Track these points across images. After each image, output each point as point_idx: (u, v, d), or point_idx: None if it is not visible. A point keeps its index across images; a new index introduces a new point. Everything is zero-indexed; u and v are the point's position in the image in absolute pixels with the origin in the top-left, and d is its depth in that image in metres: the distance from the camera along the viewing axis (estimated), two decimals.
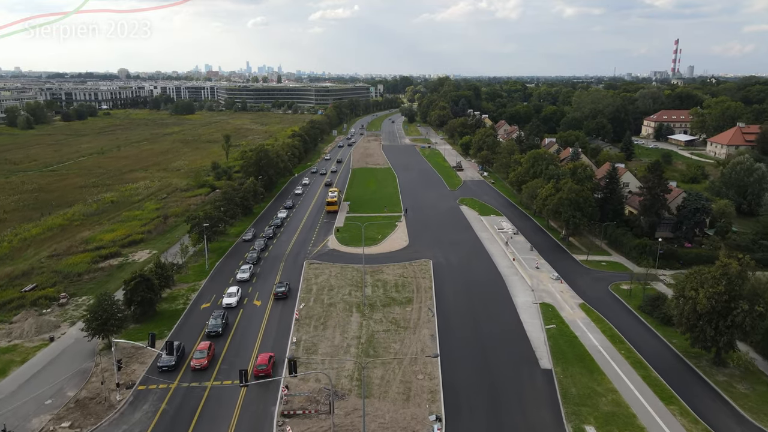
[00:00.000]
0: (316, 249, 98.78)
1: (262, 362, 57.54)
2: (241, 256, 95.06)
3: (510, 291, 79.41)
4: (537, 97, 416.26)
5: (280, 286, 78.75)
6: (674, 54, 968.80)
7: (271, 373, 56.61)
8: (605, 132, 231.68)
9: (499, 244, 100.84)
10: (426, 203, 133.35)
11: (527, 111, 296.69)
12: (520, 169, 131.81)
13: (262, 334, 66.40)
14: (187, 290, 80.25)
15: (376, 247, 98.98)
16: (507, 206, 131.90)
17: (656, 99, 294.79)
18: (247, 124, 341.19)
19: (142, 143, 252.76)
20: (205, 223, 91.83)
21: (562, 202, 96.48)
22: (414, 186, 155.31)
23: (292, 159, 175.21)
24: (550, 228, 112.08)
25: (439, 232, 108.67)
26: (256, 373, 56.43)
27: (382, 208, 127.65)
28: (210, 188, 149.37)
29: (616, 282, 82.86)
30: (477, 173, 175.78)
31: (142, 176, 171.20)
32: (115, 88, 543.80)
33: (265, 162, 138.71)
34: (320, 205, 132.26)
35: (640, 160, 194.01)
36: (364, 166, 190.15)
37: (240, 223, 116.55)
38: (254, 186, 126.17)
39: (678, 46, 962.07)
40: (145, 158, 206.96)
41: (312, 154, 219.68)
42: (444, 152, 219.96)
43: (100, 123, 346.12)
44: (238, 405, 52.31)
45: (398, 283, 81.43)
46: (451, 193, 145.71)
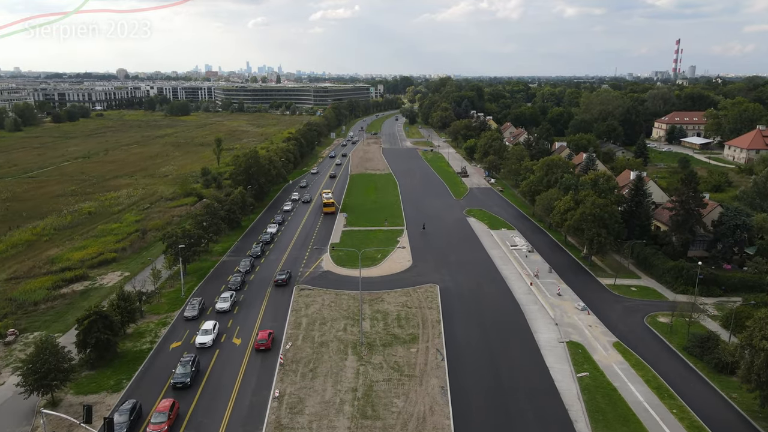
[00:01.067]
0: (309, 270, 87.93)
1: None
2: (224, 278, 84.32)
3: (530, 325, 68.58)
4: (541, 97, 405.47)
5: (281, 274, 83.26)
6: (675, 54, 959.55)
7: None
8: (616, 135, 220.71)
9: (513, 265, 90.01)
10: (430, 215, 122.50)
11: (533, 113, 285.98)
12: (533, 177, 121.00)
13: (239, 385, 55.49)
14: (158, 324, 69.41)
15: (375, 269, 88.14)
16: (518, 218, 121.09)
17: (666, 100, 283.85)
18: (242, 126, 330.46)
19: (131, 146, 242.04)
20: (181, 243, 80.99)
21: (585, 218, 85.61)
22: (416, 194, 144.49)
23: (286, 165, 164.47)
24: (569, 244, 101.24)
25: (445, 250, 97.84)
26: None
27: (382, 220, 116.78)
28: (197, 197, 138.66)
29: (652, 313, 72.02)
30: (483, 180, 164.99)
31: (126, 183, 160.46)
32: (110, 89, 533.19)
33: (256, 170, 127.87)
34: (314, 218, 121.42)
35: (655, 165, 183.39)
36: (363, 171, 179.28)
37: (226, 238, 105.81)
38: (242, 197, 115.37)
39: (679, 46, 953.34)
40: (132, 163, 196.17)
41: (309, 158, 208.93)
42: (447, 156, 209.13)
43: (91, 124, 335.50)
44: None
45: (401, 315, 70.59)
46: (457, 203, 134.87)
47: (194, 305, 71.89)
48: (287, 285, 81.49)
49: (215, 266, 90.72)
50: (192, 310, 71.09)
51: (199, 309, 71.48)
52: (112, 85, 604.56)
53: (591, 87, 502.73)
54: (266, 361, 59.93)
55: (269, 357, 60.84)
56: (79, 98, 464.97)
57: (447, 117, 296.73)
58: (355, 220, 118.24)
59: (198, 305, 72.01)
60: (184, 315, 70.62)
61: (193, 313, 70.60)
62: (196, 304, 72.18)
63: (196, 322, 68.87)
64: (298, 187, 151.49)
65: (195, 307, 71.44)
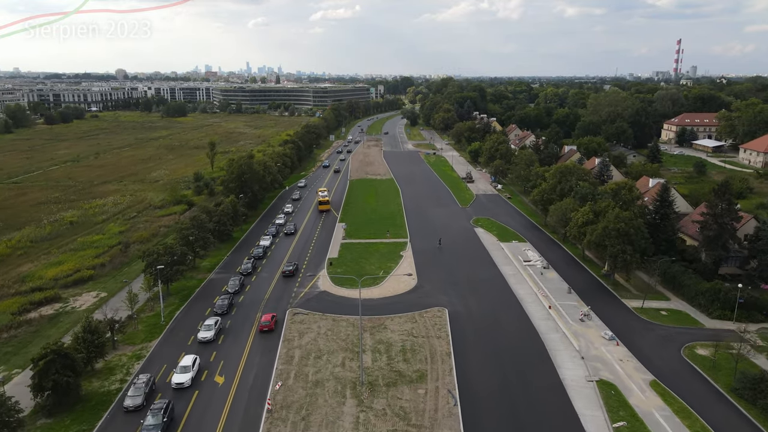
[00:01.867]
0: (303, 291, 79.95)
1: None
2: (210, 299, 76.39)
3: (553, 358, 60.60)
4: (544, 98, 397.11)
5: (288, 265, 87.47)
6: (676, 54, 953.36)
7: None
8: (626, 137, 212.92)
9: (528, 284, 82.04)
10: (435, 225, 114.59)
11: (538, 114, 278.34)
12: (545, 185, 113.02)
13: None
14: (131, 357, 61.43)
15: (377, 289, 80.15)
16: (529, 228, 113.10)
17: (675, 101, 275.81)
18: (239, 128, 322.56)
19: (124, 149, 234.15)
20: (162, 262, 73.05)
21: (608, 233, 77.62)
22: (420, 202, 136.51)
23: (283, 170, 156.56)
24: (587, 259, 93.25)
25: (453, 266, 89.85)
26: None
27: (384, 232, 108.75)
28: (187, 205, 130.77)
29: (689, 344, 63.99)
30: (490, 185, 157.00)
31: (113, 189, 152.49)
32: (107, 90, 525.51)
33: (249, 176, 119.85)
34: (310, 230, 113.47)
35: (668, 168, 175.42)
36: (364, 176, 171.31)
37: (215, 252, 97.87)
38: (234, 206, 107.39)
39: (680, 46, 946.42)
40: (123, 167, 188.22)
41: (307, 162, 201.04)
42: (451, 160, 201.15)
43: (84, 126, 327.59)
44: None
45: (406, 347, 62.62)
46: (463, 212, 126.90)
47: (139, 388, 51.97)
48: (294, 276, 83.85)
49: (202, 285, 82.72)
50: (135, 396, 51.17)
51: (145, 394, 51.43)
52: (109, 85, 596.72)
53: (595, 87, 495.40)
54: (252, 407, 51.93)
55: (256, 401, 52.83)
56: (74, 99, 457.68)
57: (449, 118, 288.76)
58: (355, 230, 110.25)
59: (145, 387, 52.07)
60: (123, 405, 50.79)
61: (135, 401, 50.70)
62: (142, 386, 52.14)
63: (170, 358, 60.87)
64: (283, 213, 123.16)
65: (140, 391, 51.67)
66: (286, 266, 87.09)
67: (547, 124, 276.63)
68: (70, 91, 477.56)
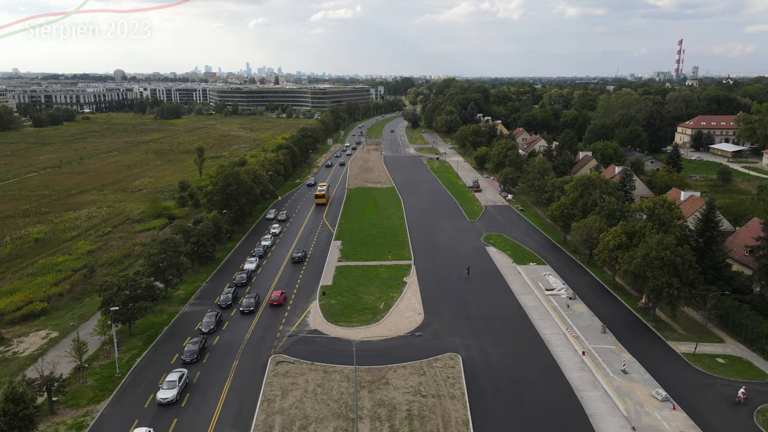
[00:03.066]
0: (291, 328, 68.04)
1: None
2: (181, 340, 64.52)
3: (596, 427, 48.68)
4: (548, 99, 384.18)
5: (297, 252, 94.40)
6: (678, 54, 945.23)
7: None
8: (641, 142, 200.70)
9: (554, 320, 70.15)
10: (441, 243, 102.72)
11: (545, 116, 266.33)
12: (564, 200, 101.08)
13: None
14: (71, 428, 49.50)
15: (377, 328, 68.21)
16: (547, 248, 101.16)
17: (689, 102, 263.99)
18: (234, 130, 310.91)
19: (110, 154, 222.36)
20: (118, 301, 61.14)
21: (650, 263, 65.70)
22: (424, 214, 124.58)
23: (275, 178, 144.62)
24: (617, 287, 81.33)
25: (464, 296, 77.93)
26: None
27: (384, 252, 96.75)
28: (168, 219, 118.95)
29: (762, 406, 52.04)
30: (499, 195, 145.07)
31: (91, 200, 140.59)
32: (101, 91, 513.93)
33: (235, 189, 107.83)
34: (302, 249, 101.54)
35: (688, 176, 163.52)
36: (363, 185, 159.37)
37: (193, 276, 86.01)
38: (216, 223, 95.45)
39: (682, 47, 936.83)
40: (106, 174, 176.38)
41: (302, 168, 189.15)
42: (455, 166, 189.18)
43: (74, 129, 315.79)
44: None
45: (413, 412, 50.65)
46: (472, 226, 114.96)
47: None
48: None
49: (172, 321, 70.79)
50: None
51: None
52: (104, 86, 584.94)
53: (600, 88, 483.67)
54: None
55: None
56: (66, 100, 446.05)
57: (452, 121, 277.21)
58: (352, 250, 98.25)
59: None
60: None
61: None
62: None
63: (121, 428, 48.95)
64: (270, 233, 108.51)
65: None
66: (295, 252, 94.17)
67: (554, 127, 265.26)
68: (62, 92, 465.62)
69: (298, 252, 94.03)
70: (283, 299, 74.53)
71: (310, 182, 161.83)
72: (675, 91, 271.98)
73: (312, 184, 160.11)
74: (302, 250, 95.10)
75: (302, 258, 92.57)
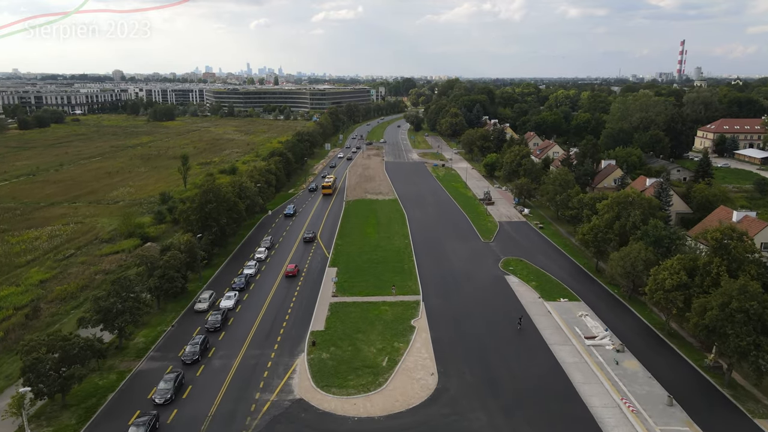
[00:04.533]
0: (270, 399, 53.57)
1: None
2: (127, 414, 50.15)
3: None
4: (554, 101, 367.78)
5: (308, 232, 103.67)
6: (680, 55, 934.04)
7: None
8: (662, 147, 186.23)
9: (602, 383, 55.71)
10: (453, 271, 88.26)
11: (555, 119, 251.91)
12: (597, 221, 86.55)
13: None
14: None
15: (379, 396, 53.69)
16: (577, 276, 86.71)
17: (708, 105, 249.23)
18: (229, 133, 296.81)
19: (93, 159, 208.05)
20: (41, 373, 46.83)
21: (731, 318, 51.27)
22: (432, 233, 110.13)
23: (266, 190, 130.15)
24: (673, 334, 66.90)
25: (488, 348, 63.46)
26: None
27: (387, 284, 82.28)
28: (141, 239, 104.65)
29: None
30: (513, 209, 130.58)
31: (60, 214, 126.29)
32: (94, 92, 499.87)
33: (215, 206, 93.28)
34: (291, 281, 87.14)
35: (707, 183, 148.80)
36: (362, 196, 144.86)
37: (158, 318, 71.66)
38: (191, 249, 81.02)
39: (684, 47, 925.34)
40: (83, 183, 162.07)
41: (298, 177, 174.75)
42: (463, 174, 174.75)
43: (60, 132, 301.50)
44: None
45: None
46: (487, 248, 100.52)
47: None
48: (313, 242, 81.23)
49: (122, 384, 56.35)
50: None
51: None
52: (98, 87, 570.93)
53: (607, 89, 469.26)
54: None
55: None
56: (57, 102, 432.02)
57: (457, 124, 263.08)
58: (349, 281, 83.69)
59: None
60: None
61: None
62: None
63: None
64: (255, 259, 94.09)
65: None
66: (307, 233, 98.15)
67: (565, 131, 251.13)
68: (52, 93, 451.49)
69: (309, 233, 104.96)
70: (296, 271, 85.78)
71: (311, 187, 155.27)
72: (693, 93, 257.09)
73: (313, 189, 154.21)
74: (313, 231, 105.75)
75: (313, 238, 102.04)
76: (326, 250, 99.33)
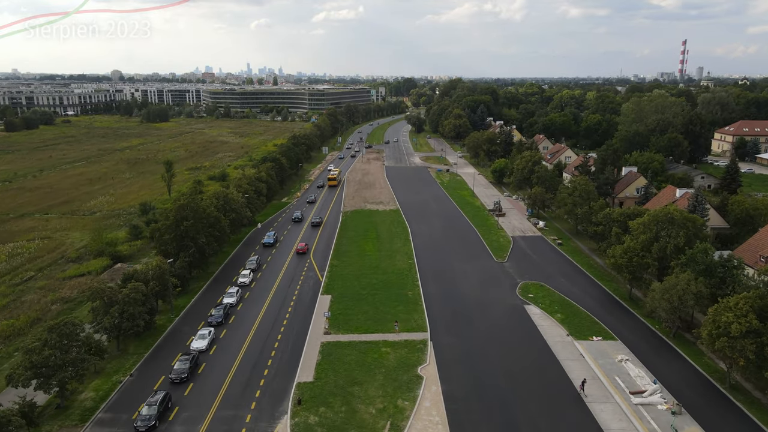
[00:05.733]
0: None
1: None
2: None
3: None
4: (559, 101, 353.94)
5: (316, 216, 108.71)
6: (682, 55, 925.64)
7: None
8: (681, 152, 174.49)
9: None
10: (465, 300, 76.61)
11: (565, 121, 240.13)
12: (631, 242, 74.86)
13: None
14: None
15: None
16: (607, 304, 75.14)
17: (725, 106, 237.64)
18: (223, 135, 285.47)
19: (77, 164, 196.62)
20: None
21: None
22: (438, 251, 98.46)
23: (255, 200, 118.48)
24: (737, 387, 55.23)
25: (511, 406, 51.85)
26: None
27: (388, 316, 70.60)
28: (111, 259, 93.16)
29: None
30: (527, 222, 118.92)
31: (28, 227, 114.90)
32: (88, 92, 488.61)
33: (192, 224, 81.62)
34: (276, 310, 75.58)
35: (747, 194, 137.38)
36: (361, 206, 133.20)
37: (116, 364, 60.08)
38: (161, 276, 69.42)
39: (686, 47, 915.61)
40: (61, 191, 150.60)
41: (293, 182, 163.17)
42: (469, 180, 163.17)
43: (48, 134, 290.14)
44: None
45: None
46: (501, 270, 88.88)
47: None
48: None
49: None
50: None
51: None
52: (93, 87, 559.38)
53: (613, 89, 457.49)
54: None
55: None
56: (49, 102, 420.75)
57: (461, 126, 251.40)
58: (345, 313, 72.05)
59: None
60: None
61: None
62: None
63: None
64: (237, 284, 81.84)
65: None
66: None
67: (574, 133, 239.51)
68: (44, 94, 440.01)
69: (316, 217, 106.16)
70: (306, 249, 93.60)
71: (310, 199, 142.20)
72: (708, 93, 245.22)
73: (312, 201, 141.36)
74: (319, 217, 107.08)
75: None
76: (319, 272, 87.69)
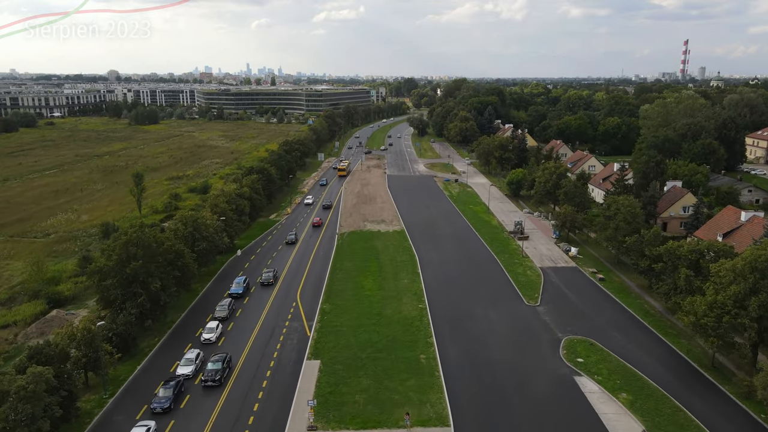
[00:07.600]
0: None
1: None
2: None
3: None
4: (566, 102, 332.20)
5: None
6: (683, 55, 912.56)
7: None
8: (717, 159, 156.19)
9: None
10: (495, 367, 58.36)
11: (581, 125, 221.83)
12: (719, 297, 56.43)
13: None
14: None
15: None
16: (681, 372, 57.04)
17: (754, 108, 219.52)
18: (213, 139, 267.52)
19: (48, 172, 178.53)
20: None
21: None
22: (455, 290, 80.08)
23: (235, 223, 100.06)
24: None
25: None
26: None
27: (396, 403, 52.28)
28: (48, 303, 74.92)
29: None
30: (555, 246, 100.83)
31: None
32: (77, 93, 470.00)
33: (142, 264, 63.34)
34: (252, 377, 57.35)
35: None
36: (360, 226, 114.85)
37: None
38: (91, 342, 51.25)
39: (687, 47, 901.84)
40: (19, 205, 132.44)
41: (283, 195, 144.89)
42: (482, 192, 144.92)
43: (27, 137, 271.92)
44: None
45: None
46: (535, 316, 70.63)
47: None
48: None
49: None
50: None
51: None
52: (83, 88, 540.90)
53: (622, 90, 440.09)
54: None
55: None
56: (34, 103, 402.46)
57: (468, 129, 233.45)
58: (336, 392, 53.67)
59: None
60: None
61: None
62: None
63: None
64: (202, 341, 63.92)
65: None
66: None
67: (591, 137, 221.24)
68: (29, 94, 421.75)
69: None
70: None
71: (307, 200, 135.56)
72: (735, 95, 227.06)
73: (308, 202, 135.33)
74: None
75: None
76: (307, 323, 69.35)
